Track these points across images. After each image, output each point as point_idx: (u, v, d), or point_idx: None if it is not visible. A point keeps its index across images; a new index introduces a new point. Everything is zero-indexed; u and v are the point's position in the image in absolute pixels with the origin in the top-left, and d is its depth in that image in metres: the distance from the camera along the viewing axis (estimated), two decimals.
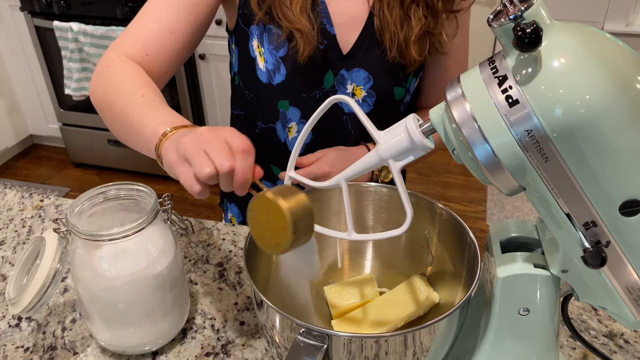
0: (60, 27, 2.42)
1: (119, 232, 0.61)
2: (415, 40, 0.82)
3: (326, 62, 0.86)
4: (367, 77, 0.86)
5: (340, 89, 0.88)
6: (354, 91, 0.88)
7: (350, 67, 0.86)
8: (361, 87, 0.87)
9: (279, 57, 0.84)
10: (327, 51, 0.85)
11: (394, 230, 0.50)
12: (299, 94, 0.88)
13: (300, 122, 0.91)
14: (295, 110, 0.90)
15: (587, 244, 0.44)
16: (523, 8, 0.39)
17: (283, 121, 0.91)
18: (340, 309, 0.67)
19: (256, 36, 0.85)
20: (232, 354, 0.71)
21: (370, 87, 0.87)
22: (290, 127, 0.92)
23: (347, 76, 0.87)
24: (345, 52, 0.85)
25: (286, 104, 0.89)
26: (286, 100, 0.89)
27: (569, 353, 0.70)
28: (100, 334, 0.69)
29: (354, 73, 0.86)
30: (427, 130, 0.48)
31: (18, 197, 1.05)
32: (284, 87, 0.87)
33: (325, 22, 0.83)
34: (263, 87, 0.88)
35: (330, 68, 0.86)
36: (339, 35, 0.84)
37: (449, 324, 0.53)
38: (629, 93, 0.39)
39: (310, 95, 0.88)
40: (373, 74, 0.86)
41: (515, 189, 0.46)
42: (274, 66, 0.85)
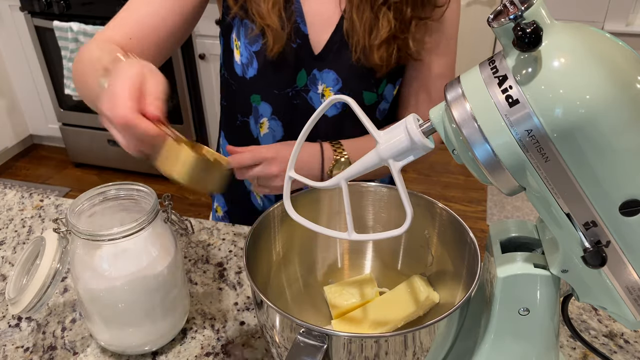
0: (60, 27, 2.42)
1: (119, 232, 0.61)
2: (380, 45, 0.81)
3: (299, 60, 0.86)
4: (336, 79, 0.86)
5: (312, 89, 0.88)
6: (324, 92, 0.88)
7: (322, 68, 0.86)
8: (330, 88, 0.87)
9: (253, 51, 0.85)
10: (299, 50, 0.85)
11: (394, 230, 0.50)
12: (270, 90, 0.89)
13: (271, 118, 0.91)
14: (267, 105, 0.90)
15: (587, 244, 0.44)
16: (523, 8, 0.39)
17: (255, 116, 0.92)
18: (340, 309, 0.68)
19: (235, 29, 0.86)
20: (232, 354, 0.71)
21: (339, 89, 0.87)
22: (262, 123, 0.92)
23: (318, 76, 0.87)
24: (316, 52, 0.86)
25: (258, 98, 0.90)
26: (258, 95, 0.90)
27: (569, 353, 0.70)
28: (100, 334, 0.69)
29: (325, 74, 0.86)
30: (427, 130, 0.47)
31: (18, 197, 1.05)
32: (256, 81, 0.88)
33: (299, 20, 0.84)
34: (238, 80, 0.90)
35: (304, 67, 0.87)
36: (311, 34, 0.85)
37: (449, 324, 0.53)
38: (629, 93, 0.39)
39: (283, 92, 0.88)
40: (342, 76, 0.86)
41: (515, 189, 0.46)
42: (248, 60, 0.86)
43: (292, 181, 0.55)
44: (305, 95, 0.88)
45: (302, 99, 0.89)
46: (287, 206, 0.56)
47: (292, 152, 0.55)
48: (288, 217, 0.56)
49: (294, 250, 0.71)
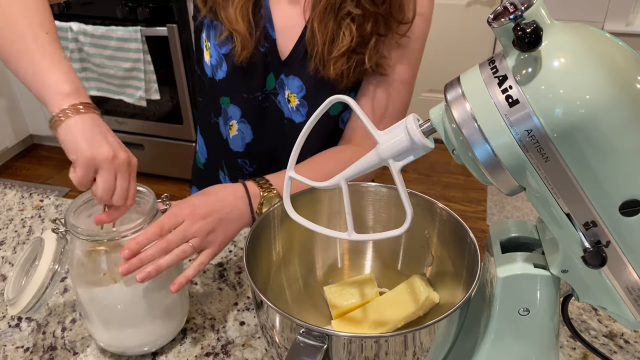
0: (60, 27, 2.41)
1: (118, 232, 0.61)
2: (337, 58, 0.80)
3: (267, 64, 0.86)
4: (300, 86, 0.86)
5: (280, 92, 0.88)
6: (289, 98, 0.87)
7: (288, 74, 0.86)
8: (295, 95, 0.87)
9: (222, 54, 0.85)
10: (268, 54, 0.85)
11: (394, 230, 0.50)
12: (239, 93, 0.88)
13: (240, 120, 0.91)
14: (236, 108, 0.90)
15: (587, 244, 0.44)
16: (523, 8, 0.39)
17: (225, 118, 0.92)
18: (340, 309, 0.67)
19: (205, 29, 0.86)
20: (232, 354, 0.71)
21: (302, 96, 0.87)
22: (231, 125, 0.92)
23: (285, 82, 0.87)
24: (283, 58, 0.86)
25: (227, 101, 0.90)
26: (227, 97, 0.90)
27: (569, 353, 0.70)
28: (99, 334, 0.69)
29: (290, 80, 0.86)
30: (427, 130, 0.47)
31: (18, 197, 1.05)
32: (225, 84, 0.88)
33: (268, 25, 0.84)
34: (208, 81, 0.90)
35: (272, 71, 0.87)
36: (279, 40, 0.85)
37: (449, 324, 0.53)
38: (629, 93, 0.39)
39: (252, 96, 0.88)
40: (306, 84, 0.86)
41: (515, 189, 0.46)
42: (217, 62, 0.86)
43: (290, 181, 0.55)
44: (274, 99, 0.88)
45: (271, 102, 0.89)
46: (287, 206, 0.56)
47: (292, 152, 0.55)
48: (288, 217, 0.56)
49: (294, 250, 0.71)
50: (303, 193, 0.68)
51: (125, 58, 2.40)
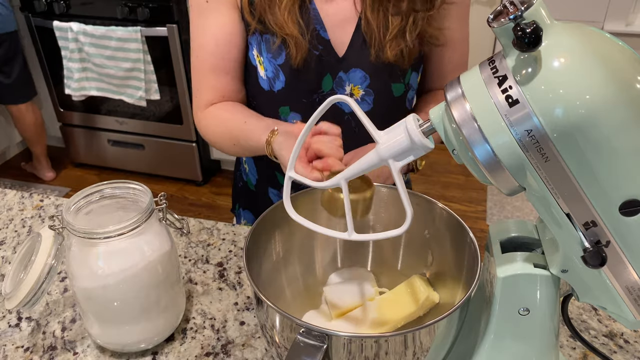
0: (60, 27, 2.42)
1: (114, 230, 0.61)
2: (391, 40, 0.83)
3: (323, 66, 0.87)
4: (363, 76, 0.87)
5: (339, 91, 0.89)
6: (352, 91, 0.89)
7: (347, 69, 0.87)
8: (359, 86, 0.88)
9: (278, 64, 0.86)
10: (323, 55, 0.86)
11: (394, 230, 0.50)
12: (299, 99, 0.89)
13: None
14: (296, 115, 0.91)
15: (587, 244, 0.44)
16: (523, 8, 0.39)
17: None
18: (340, 309, 0.67)
19: (255, 46, 0.88)
20: (232, 354, 0.71)
21: (367, 85, 0.88)
22: None
23: (344, 78, 0.88)
24: (340, 55, 0.86)
25: (287, 110, 0.91)
26: (287, 106, 0.91)
27: (569, 353, 0.70)
28: (96, 331, 0.69)
29: (351, 74, 0.87)
30: (427, 130, 0.48)
31: (18, 197, 1.05)
32: (284, 93, 0.89)
33: (318, 27, 0.85)
34: (265, 94, 0.90)
35: (328, 72, 0.87)
36: (332, 38, 0.85)
37: (449, 324, 0.53)
38: (629, 93, 0.39)
39: (310, 99, 0.89)
40: (369, 72, 0.87)
41: (515, 189, 0.46)
42: (274, 74, 0.87)
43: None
44: None
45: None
46: (287, 206, 0.56)
47: (292, 152, 0.55)
48: (288, 217, 0.56)
49: (294, 250, 0.71)
50: (303, 193, 0.68)
51: (125, 58, 2.40)
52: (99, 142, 2.89)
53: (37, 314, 0.77)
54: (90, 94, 2.59)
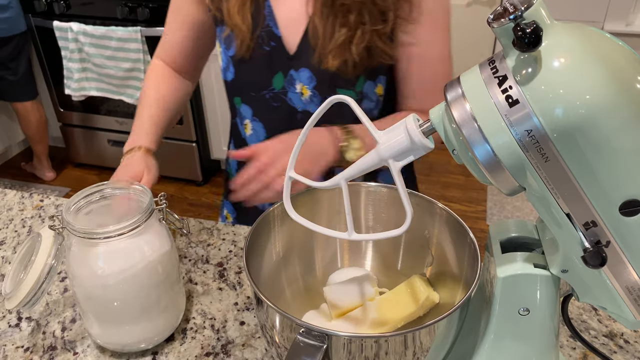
0: (60, 27, 2.42)
1: (114, 230, 0.61)
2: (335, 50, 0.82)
3: (274, 63, 0.88)
4: (310, 76, 0.88)
5: (290, 89, 0.89)
6: (302, 90, 0.89)
7: (298, 67, 0.88)
8: (307, 86, 0.89)
9: (229, 56, 0.90)
10: (274, 52, 0.87)
11: (394, 230, 0.50)
12: (248, 93, 0.92)
13: (253, 119, 0.94)
14: (247, 107, 0.94)
15: (587, 244, 0.44)
16: (523, 8, 0.39)
17: (240, 117, 0.97)
18: (340, 309, 0.67)
19: (218, 36, 0.92)
20: (232, 354, 0.71)
21: (313, 86, 0.88)
22: (246, 124, 0.96)
23: (295, 76, 0.89)
24: (292, 53, 0.87)
25: (239, 100, 0.95)
26: (238, 97, 0.94)
27: (569, 353, 0.70)
28: (96, 331, 0.69)
29: (301, 72, 0.88)
30: (427, 131, 0.48)
31: (18, 197, 1.05)
32: (235, 84, 0.93)
33: (271, 24, 0.86)
34: (223, 84, 0.96)
35: (280, 69, 0.89)
36: (285, 35, 0.87)
37: (449, 324, 0.53)
38: (629, 93, 0.39)
39: (259, 94, 0.91)
40: (316, 74, 0.87)
41: (515, 189, 0.46)
42: (226, 64, 0.91)
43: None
44: (284, 97, 0.90)
45: (281, 101, 0.91)
46: (287, 206, 0.56)
47: (292, 153, 0.55)
48: (288, 217, 0.56)
49: (294, 250, 0.71)
50: (303, 193, 0.68)
51: (125, 58, 2.40)
52: (99, 142, 2.89)
53: (37, 314, 0.77)
54: (90, 94, 2.59)
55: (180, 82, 1.03)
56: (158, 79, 1.00)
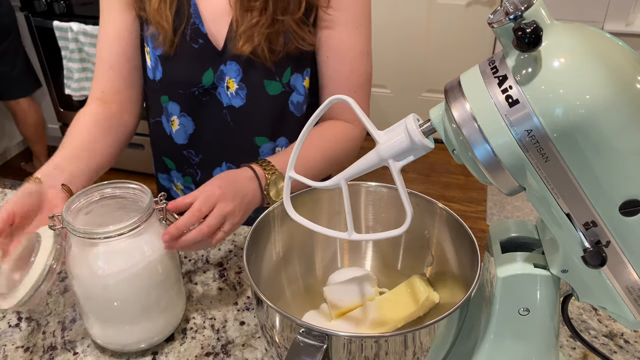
0: (60, 27, 2.42)
1: (114, 230, 0.61)
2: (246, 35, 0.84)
3: (203, 60, 0.89)
4: (237, 69, 0.89)
5: (220, 84, 0.91)
6: (228, 84, 0.91)
7: (226, 61, 0.89)
8: (233, 79, 0.90)
9: (157, 55, 0.90)
10: (203, 49, 0.88)
11: (394, 230, 0.50)
12: (176, 90, 0.93)
13: (180, 115, 0.95)
14: (175, 105, 0.94)
15: (587, 244, 0.44)
16: (523, 8, 0.39)
17: (166, 115, 0.96)
18: (340, 309, 0.67)
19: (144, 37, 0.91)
20: (232, 354, 0.71)
21: (240, 79, 0.90)
22: (173, 121, 0.96)
23: (225, 71, 0.90)
24: (220, 48, 0.88)
25: (166, 99, 0.94)
26: (166, 95, 0.94)
27: (569, 353, 0.70)
28: (96, 331, 0.69)
29: (228, 66, 0.89)
30: (427, 130, 0.48)
31: None
32: (163, 83, 0.92)
33: (197, 22, 0.87)
34: (150, 83, 0.95)
35: (210, 66, 0.89)
36: (211, 31, 0.88)
37: (449, 324, 0.53)
38: (629, 93, 0.39)
39: (188, 91, 0.92)
40: (242, 66, 0.89)
41: (515, 189, 0.46)
42: (155, 64, 0.91)
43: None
44: (214, 92, 0.92)
45: (211, 96, 0.92)
46: (287, 206, 0.56)
47: (291, 153, 0.55)
48: (288, 217, 0.56)
49: (294, 250, 0.71)
50: (303, 193, 0.68)
51: None
52: None
53: (37, 314, 0.77)
54: None
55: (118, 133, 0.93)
56: (74, 135, 0.88)
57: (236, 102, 0.91)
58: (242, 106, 0.91)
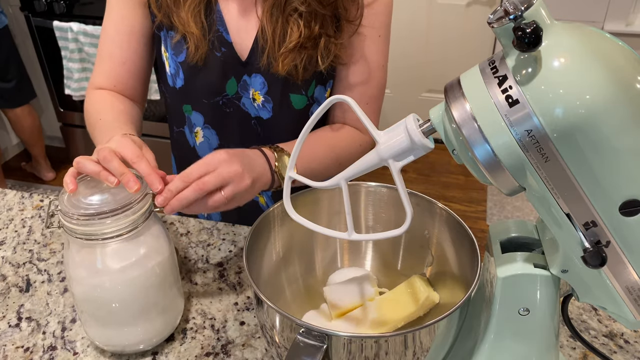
0: (60, 27, 2.42)
1: (112, 231, 0.61)
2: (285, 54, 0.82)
3: (226, 69, 0.87)
4: (262, 82, 0.88)
5: (244, 95, 0.89)
6: (254, 96, 0.89)
7: (250, 73, 0.87)
8: (259, 92, 0.89)
9: (179, 62, 0.88)
10: (226, 58, 0.86)
11: (394, 230, 0.50)
12: (199, 99, 0.91)
13: (204, 127, 0.93)
14: (198, 115, 0.92)
15: (587, 244, 0.44)
16: (523, 8, 0.39)
17: (189, 125, 0.95)
18: (340, 309, 0.67)
19: (163, 41, 0.89)
20: (232, 354, 0.71)
21: (265, 92, 0.88)
22: (197, 132, 0.95)
23: (249, 82, 0.88)
24: (244, 59, 0.87)
25: (189, 108, 0.93)
26: (188, 104, 0.92)
27: (569, 353, 0.70)
28: (94, 333, 0.69)
29: (253, 78, 0.88)
30: (427, 131, 0.48)
31: (18, 197, 1.05)
32: (185, 91, 0.90)
33: (222, 30, 0.85)
34: (170, 91, 0.93)
35: (233, 75, 0.88)
36: (236, 41, 0.86)
37: (449, 324, 0.53)
38: (629, 93, 0.39)
39: (212, 101, 0.90)
40: (267, 79, 0.87)
41: (515, 189, 0.46)
42: (175, 71, 0.89)
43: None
44: (238, 103, 0.90)
45: (235, 106, 0.90)
46: (287, 206, 0.56)
47: (291, 153, 0.55)
48: (288, 217, 0.56)
49: (294, 250, 0.71)
50: (303, 193, 0.68)
51: None
52: None
53: (37, 313, 0.77)
54: None
55: (135, 105, 0.93)
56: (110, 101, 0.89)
57: (264, 114, 0.90)
58: (269, 118, 0.90)
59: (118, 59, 0.90)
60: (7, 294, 0.81)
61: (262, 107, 0.89)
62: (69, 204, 0.62)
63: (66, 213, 0.61)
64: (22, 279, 0.84)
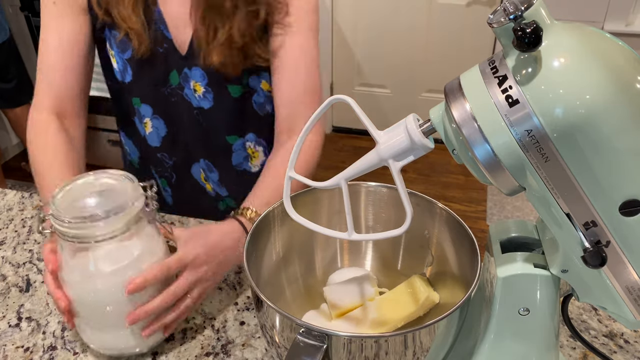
0: None
1: (105, 233, 0.61)
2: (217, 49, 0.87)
3: (169, 62, 0.92)
4: (202, 74, 0.92)
5: (186, 86, 0.94)
6: (195, 87, 0.94)
7: (190, 66, 0.92)
8: (199, 83, 0.93)
9: (125, 59, 0.92)
10: (168, 53, 0.91)
11: (394, 230, 0.50)
12: (147, 92, 0.95)
13: (153, 117, 0.98)
14: (147, 107, 0.97)
15: (587, 244, 0.44)
16: (523, 8, 0.39)
17: (139, 117, 0.99)
18: (340, 309, 0.67)
19: (107, 41, 0.92)
20: (232, 354, 0.71)
21: (205, 84, 0.93)
22: (145, 123, 0.99)
23: (189, 74, 0.93)
24: (183, 53, 0.91)
25: (138, 101, 0.97)
26: (137, 97, 0.97)
27: (569, 353, 0.70)
28: (89, 337, 0.69)
29: (193, 71, 0.92)
30: (427, 130, 0.48)
31: (18, 197, 1.05)
32: (134, 85, 0.95)
33: (162, 27, 0.90)
34: (119, 85, 0.97)
35: (175, 68, 0.93)
36: (175, 37, 0.91)
37: (449, 324, 0.53)
38: (629, 93, 0.39)
39: (159, 92, 0.95)
40: (206, 72, 0.92)
41: (515, 189, 0.46)
42: (123, 67, 0.93)
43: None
44: (181, 93, 0.95)
45: (179, 96, 0.95)
46: (287, 206, 0.56)
47: (292, 153, 0.55)
48: (288, 217, 0.56)
49: (294, 250, 0.71)
50: (303, 193, 0.68)
51: None
52: (99, 142, 2.89)
53: (37, 313, 0.77)
54: (91, 94, 2.58)
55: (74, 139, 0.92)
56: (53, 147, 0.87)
57: (205, 105, 0.95)
58: (210, 108, 0.95)
59: (62, 70, 0.90)
60: (7, 294, 0.81)
61: (203, 97, 0.94)
62: (61, 207, 0.62)
63: (57, 217, 0.60)
64: (22, 279, 0.84)
